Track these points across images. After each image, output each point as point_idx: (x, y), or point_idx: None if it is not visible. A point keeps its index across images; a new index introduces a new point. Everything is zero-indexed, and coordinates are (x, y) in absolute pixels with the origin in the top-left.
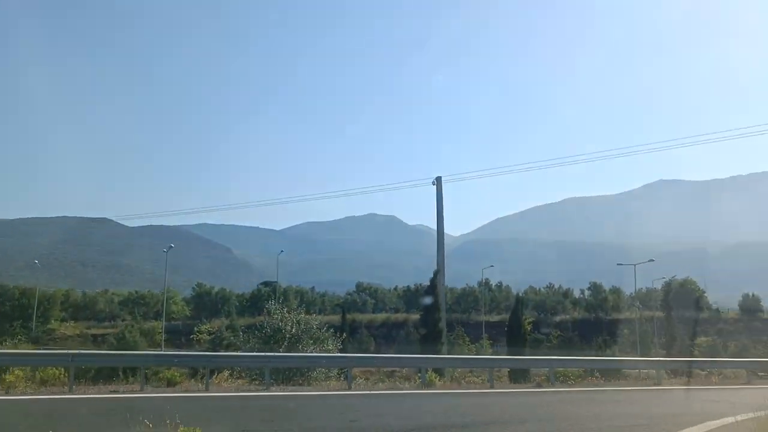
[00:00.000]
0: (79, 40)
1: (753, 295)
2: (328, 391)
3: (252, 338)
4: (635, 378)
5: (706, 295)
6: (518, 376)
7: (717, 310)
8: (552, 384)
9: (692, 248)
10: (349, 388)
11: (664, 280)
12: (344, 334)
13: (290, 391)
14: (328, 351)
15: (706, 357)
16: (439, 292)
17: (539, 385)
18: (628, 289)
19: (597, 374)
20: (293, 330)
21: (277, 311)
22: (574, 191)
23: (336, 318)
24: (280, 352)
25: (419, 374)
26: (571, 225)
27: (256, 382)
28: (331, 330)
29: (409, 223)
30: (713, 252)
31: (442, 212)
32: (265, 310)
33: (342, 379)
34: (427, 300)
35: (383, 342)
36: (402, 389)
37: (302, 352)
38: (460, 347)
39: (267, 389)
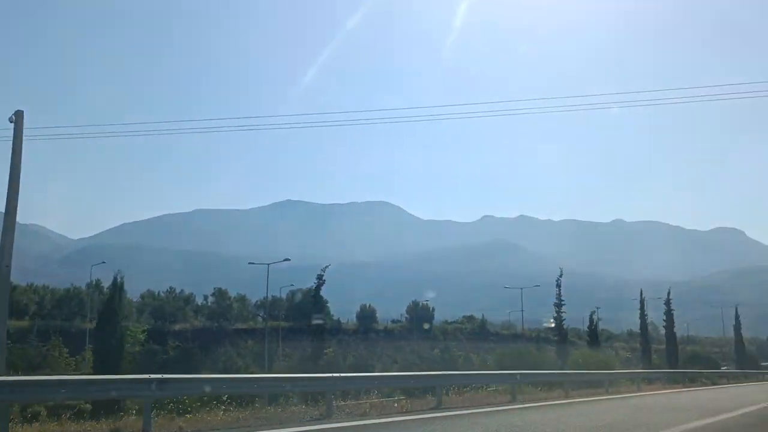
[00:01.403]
0: None
1: (369, 306)
2: None
3: None
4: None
5: (329, 306)
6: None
7: (338, 320)
8: None
9: (313, 264)
10: None
11: (292, 287)
12: None
13: None
14: None
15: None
16: None
17: None
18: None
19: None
20: None
21: None
22: (205, 203)
23: None
24: None
25: None
26: (200, 236)
27: None
28: None
29: None
30: (330, 268)
31: (20, 156)
32: None
33: None
34: None
35: None
36: None
37: None
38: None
39: None
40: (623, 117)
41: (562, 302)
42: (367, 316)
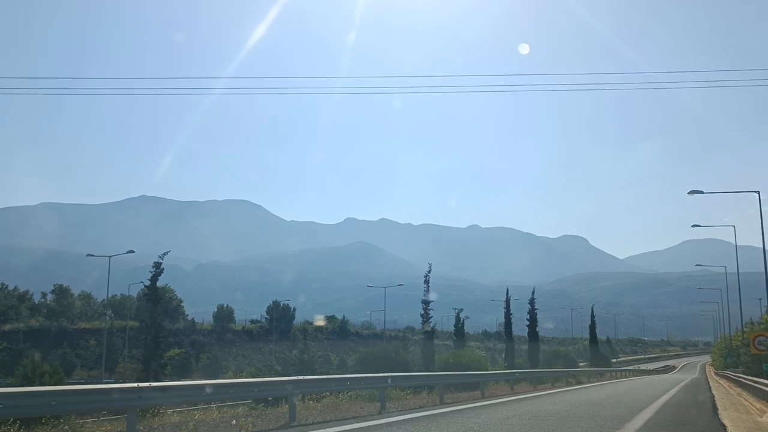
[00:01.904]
0: None
1: (227, 306)
2: None
3: None
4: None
5: (183, 306)
6: None
7: (193, 320)
8: None
9: (170, 264)
10: None
11: (141, 284)
12: None
13: None
14: None
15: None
16: None
17: None
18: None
19: None
20: None
21: None
22: (52, 196)
23: None
24: None
25: None
26: (47, 230)
27: None
28: None
29: None
30: (187, 268)
31: None
32: None
33: None
34: None
35: None
36: None
37: None
38: None
39: None
40: (476, 127)
41: (430, 299)
42: (224, 316)
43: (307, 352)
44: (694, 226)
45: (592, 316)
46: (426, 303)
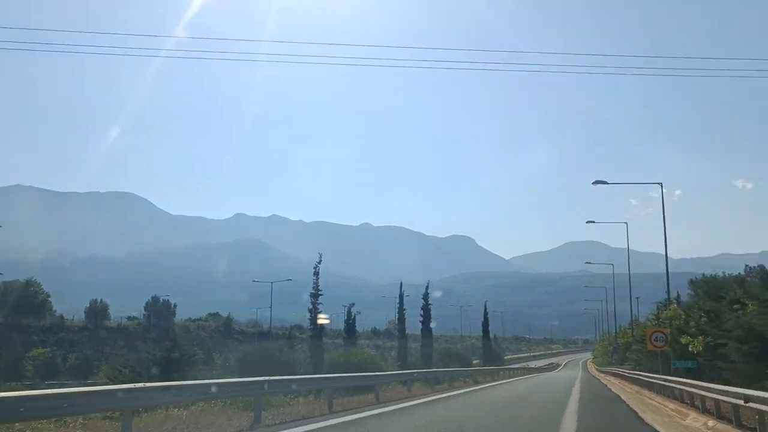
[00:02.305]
0: None
1: (101, 301)
2: None
3: None
4: None
5: (50, 300)
6: None
7: (61, 316)
8: None
9: (47, 259)
10: None
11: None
12: None
13: None
14: None
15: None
16: None
17: None
18: None
19: None
20: None
21: None
22: None
23: None
24: None
25: None
26: None
27: None
28: None
29: None
30: (64, 263)
31: None
32: None
33: None
34: None
35: None
36: None
37: None
38: None
39: None
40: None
41: (320, 292)
42: (97, 312)
43: (176, 350)
44: (588, 222)
45: (485, 313)
46: (315, 296)
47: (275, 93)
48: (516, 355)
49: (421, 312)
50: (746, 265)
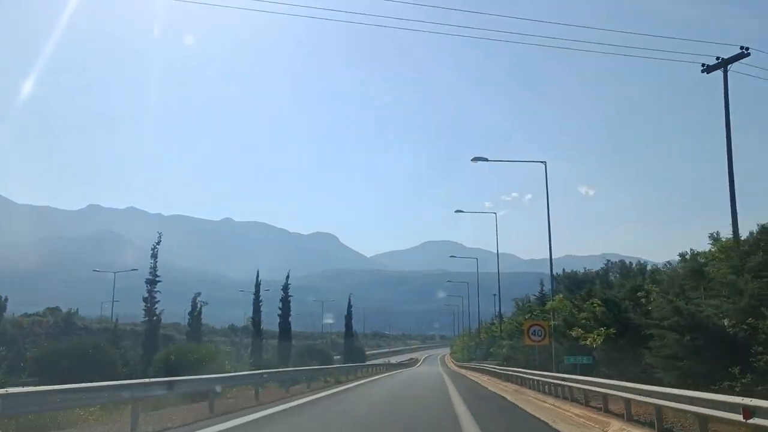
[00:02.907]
0: None
1: None
2: None
3: None
4: None
5: None
6: None
7: None
8: None
9: None
10: None
11: None
12: None
13: None
14: None
15: None
16: None
17: None
18: None
19: None
20: None
21: None
22: None
23: None
24: None
25: None
26: None
27: None
28: None
29: None
30: None
31: None
32: None
33: None
34: None
35: None
36: None
37: None
38: None
39: None
40: (232, 118)
41: (158, 278)
42: None
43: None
44: (457, 211)
45: (349, 307)
46: (152, 283)
47: (130, 81)
48: (375, 351)
49: (280, 306)
50: (608, 260)
